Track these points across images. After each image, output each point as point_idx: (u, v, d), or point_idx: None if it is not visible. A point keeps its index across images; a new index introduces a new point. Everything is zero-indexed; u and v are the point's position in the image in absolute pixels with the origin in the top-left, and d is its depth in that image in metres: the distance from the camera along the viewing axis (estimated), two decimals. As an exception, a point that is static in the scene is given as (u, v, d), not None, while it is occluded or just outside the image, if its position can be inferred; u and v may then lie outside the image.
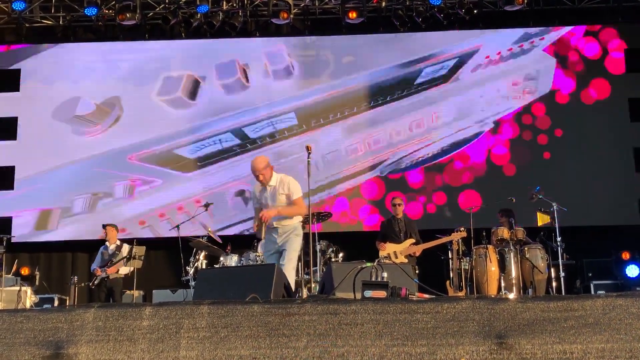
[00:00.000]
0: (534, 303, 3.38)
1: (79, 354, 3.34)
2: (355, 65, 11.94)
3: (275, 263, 6.38)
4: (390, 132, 11.78)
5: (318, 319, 3.36)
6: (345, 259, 8.99)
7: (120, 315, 3.45)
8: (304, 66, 12.02)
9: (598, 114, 11.72)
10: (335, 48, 12.03)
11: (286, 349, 3.28)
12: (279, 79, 12.01)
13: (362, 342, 3.28)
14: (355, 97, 11.88)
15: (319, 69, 12.01)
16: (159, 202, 11.62)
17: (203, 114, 11.92)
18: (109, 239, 10.10)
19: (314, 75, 11.98)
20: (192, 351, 3.30)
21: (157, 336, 3.36)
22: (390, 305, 3.42)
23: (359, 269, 4.55)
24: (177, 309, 3.45)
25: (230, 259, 9.11)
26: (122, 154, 11.81)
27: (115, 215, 11.27)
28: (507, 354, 3.20)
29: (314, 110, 11.83)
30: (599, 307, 3.33)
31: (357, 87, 11.91)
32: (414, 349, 3.24)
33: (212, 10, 11.50)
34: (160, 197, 11.64)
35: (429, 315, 3.35)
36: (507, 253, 8.56)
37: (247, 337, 3.33)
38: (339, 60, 11.98)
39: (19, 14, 11.77)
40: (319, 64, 12.01)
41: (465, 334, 3.28)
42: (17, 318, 3.50)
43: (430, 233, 9.31)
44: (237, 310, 3.41)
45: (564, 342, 3.23)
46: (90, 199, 11.65)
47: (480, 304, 3.38)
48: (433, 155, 11.72)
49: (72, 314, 3.49)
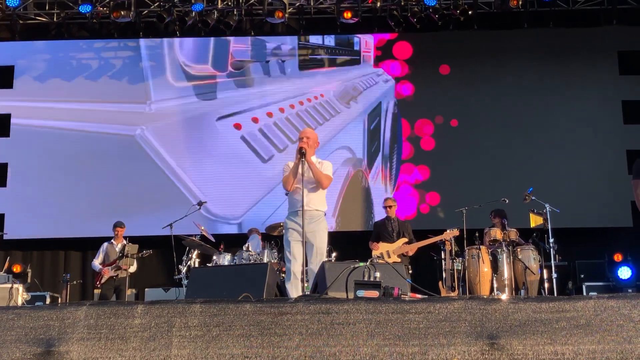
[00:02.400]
0: (525, 304, 3.39)
1: (70, 352, 3.33)
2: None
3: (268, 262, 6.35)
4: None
5: (310, 318, 3.36)
6: (338, 258, 9.00)
7: (112, 313, 3.44)
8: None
9: (591, 116, 11.76)
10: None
11: (278, 348, 3.28)
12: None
13: (354, 341, 3.28)
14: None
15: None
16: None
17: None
18: (117, 238, 10.06)
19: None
20: (183, 350, 3.30)
21: (149, 334, 3.36)
22: (382, 305, 3.42)
23: (352, 268, 4.55)
24: (169, 307, 3.45)
25: (223, 257, 9.12)
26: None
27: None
28: (499, 355, 3.21)
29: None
30: (591, 309, 3.35)
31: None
32: (406, 349, 3.25)
33: (206, 8, 11.48)
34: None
35: (421, 316, 3.35)
36: (499, 254, 8.59)
37: (239, 336, 3.33)
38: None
39: (13, 10, 11.73)
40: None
41: (457, 334, 3.28)
42: (8, 315, 3.49)
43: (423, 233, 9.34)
44: (229, 309, 3.41)
45: (555, 343, 3.24)
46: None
47: (473, 305, 3.38)
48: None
49: (63, 311, 3.48)
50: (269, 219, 10.53)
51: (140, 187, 11.60)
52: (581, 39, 12.02)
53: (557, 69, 11.91)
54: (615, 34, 11.90)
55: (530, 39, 12.00)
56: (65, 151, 11.77)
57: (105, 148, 11.79)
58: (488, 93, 11.96)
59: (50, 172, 11.70)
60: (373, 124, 11.92)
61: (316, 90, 11.99)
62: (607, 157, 11.57)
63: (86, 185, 11.63)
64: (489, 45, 12.09)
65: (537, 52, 11.96)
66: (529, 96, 11.81)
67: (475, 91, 11.95)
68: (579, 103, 11.81)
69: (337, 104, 11.92)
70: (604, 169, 11.53)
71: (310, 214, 6.18)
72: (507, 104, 11.87)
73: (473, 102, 11.92)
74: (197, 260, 9.51)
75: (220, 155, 11.77)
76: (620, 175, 11.39)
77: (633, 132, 11.63)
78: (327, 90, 12.00)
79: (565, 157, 11.57)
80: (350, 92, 11.99)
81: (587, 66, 11.96)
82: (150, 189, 11.58)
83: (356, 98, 11.97)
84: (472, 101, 11.92)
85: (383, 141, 11.89)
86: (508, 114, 11.85)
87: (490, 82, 12.00)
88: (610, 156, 11.56)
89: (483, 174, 11.55)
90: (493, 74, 12.02)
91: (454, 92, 11.95)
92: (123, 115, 11.95)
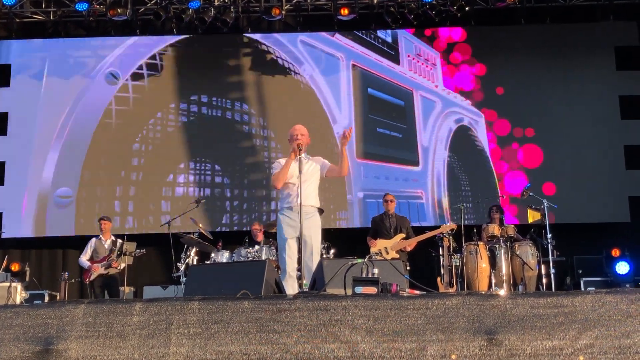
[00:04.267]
0: (523, 299, 3.40)
1: (68, 350, 3.33)
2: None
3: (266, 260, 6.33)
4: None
5: (309, 315, 3.36)
6: (336, 255, 9.00)
7: (110, 311, 3.44)
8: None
9: (588, 112, 11.76)
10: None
11: (277, 344, 3.28)
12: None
13: (352, 338, 3.29)
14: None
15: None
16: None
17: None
18: (104, 233, 9.97)
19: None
20: (182, 347, 3.30)
21: (147, 332, 3.36)
22: (380, 302, 3.42)
23: (350, 265, 4.55)
24: (167, 305, 3.45)
25: (221, 255, 9.12)
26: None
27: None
28: (497, 350, 3.22)
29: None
30: (589, 304, 3.35)
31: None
32: (404, 345, 3.25)
33: (203, 6, 11.45)
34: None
35: (419, 312, 3.36)
36: (497, 250, 8.60)
37: (237, 333, 3.33)
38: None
39: (10, 8, 11.70)
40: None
41: (456, 330, 3.29)
42: (6, 314, 3.49)
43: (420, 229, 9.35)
44: (228, 307, 3.41)
45: (553, 338, 3.24)
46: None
47: (471, 300, 3.39)
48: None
49: (62, 310, 3.49)
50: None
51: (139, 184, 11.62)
52: (578, 34, 12.02)
53: (554, 65, 11.90)
54: (612, 29, 11.91)
55: (527, 34, 12.01)
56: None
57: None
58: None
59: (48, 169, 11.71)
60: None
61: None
62: (604, 152, 11.57)
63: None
64: (486, 42, 12.10)
65: (534, 48, 11.96)
66: (525, 92, 11.81)
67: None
68: (577, 98, 11.81)
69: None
70: (601, 164, 11.53)
71: (305, 210, 6.16)
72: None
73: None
74: (196, 257, 9.50)
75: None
76: (617, 171, 11.41)
77: (630, 127, 11.64)
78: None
79: (563, 153, 11.57)
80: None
81: (584, 62, 11.96)
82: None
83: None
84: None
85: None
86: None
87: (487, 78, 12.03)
88: (607, 151, 11.57)
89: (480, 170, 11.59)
90: (489, 70, 12.02)
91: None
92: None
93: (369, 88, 11.99)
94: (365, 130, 11.82)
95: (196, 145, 11.82)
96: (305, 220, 6.15)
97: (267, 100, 11.99)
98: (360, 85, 12.00)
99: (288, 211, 6.29)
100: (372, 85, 12.00)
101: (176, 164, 11.75)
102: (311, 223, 6.26)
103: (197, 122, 11.95)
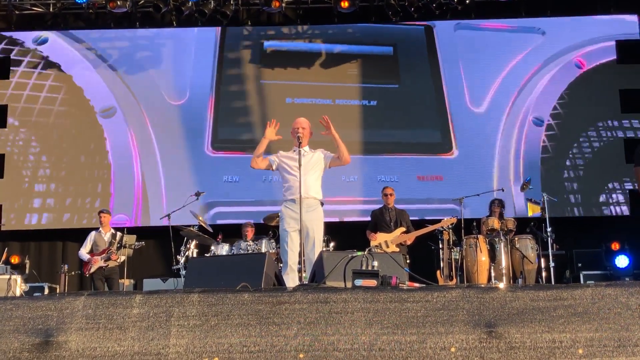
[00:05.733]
0: (523, 292, 3.40)
1: (68, 342, 3.34)
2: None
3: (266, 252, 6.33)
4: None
5: (308, 307, 3.36)
6: (336, 248, 9.00)
7: (110, 303, 3.44)
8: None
9: (589, 105, 11.74)
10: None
11: (276, 337, 3.29)
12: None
13: (352, 330, 3.29)
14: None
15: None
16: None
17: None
18: (104, 226, 9.96)
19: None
20: (182, 339, 3.30)
21: (147, 324, 3.36)
22: (380, 294, 3.43)
23: (350, 257, 4.55)
24: (167, 297, 3.45)
25: (221, 248, 9.13)
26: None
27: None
28: (497, 343, 3.22)
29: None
30: (588, 297, 3.35)
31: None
32: (404, 338, 3.25)
33: (203, -2, 11.44)
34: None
35: (419, 304, 3.36)
36: (497, 243, 8.60)
37: (237, 325, 3.33)
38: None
39: (9, 1, 11.67)
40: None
41: (455, 322, 3.29)
42: (6, 306, 3.49)
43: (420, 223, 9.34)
44: (228, 299, 3.41)
45: (553, 331, 3.25)
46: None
47: (470, 293, 3.39)
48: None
49: (61, 301, 3.49)
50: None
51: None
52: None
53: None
54: (612, 22, 11.88)
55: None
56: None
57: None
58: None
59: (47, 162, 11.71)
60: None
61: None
62: (604, 146, 11.57)
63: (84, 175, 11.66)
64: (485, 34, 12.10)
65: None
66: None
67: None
68: (576, 92, 11.79)
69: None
70: (601, 158, 11.52)
71: (307, 202, 6.17)
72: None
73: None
74: (195, 250, 9.50)
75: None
76: (617, 165, 11.40)
77: (630, 121, 11.62)
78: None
79: (563, 146, 11.56)
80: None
81: (585, 55, 11.93)
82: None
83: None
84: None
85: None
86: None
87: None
88: (607, 145, 11.56)
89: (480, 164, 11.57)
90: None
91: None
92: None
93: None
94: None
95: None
96: (308, 213, 6.16)
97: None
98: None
99: (290, 203, 6.28)
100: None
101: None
102: (314, 215, 6.25)
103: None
